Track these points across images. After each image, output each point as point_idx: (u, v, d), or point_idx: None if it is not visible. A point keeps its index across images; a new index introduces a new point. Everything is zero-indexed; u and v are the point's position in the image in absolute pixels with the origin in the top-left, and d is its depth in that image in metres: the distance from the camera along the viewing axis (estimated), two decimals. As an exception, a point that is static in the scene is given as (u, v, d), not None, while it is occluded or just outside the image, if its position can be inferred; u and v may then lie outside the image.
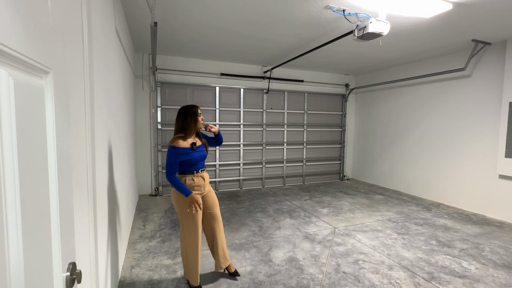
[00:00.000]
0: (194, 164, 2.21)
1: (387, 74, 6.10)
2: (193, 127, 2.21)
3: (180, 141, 2.14)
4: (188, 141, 2.19)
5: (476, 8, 2.94)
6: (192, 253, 2.23)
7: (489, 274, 2.60)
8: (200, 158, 2.24)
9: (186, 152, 2.15)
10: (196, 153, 2.21)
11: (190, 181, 2.20)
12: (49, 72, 0.69)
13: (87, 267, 1.41)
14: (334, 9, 2.97)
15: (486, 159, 4.31)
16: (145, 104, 5.24)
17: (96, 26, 1.71)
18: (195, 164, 2.22)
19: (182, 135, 2.18)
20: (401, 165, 5.81)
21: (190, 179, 2.20)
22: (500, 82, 4.11)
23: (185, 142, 2.16)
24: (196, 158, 2.21)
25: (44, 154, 0.67)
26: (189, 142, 2.19)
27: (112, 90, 2.38)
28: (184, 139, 2.17)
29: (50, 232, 0.68)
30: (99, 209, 1.64)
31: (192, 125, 2.20)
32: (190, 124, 2.19)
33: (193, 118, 2.20)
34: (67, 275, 0.75)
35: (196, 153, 2.21)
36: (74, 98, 1.28)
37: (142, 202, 4.87)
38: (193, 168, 2.21)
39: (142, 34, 3.99)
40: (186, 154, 2.15)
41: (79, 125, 1.35)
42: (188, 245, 2.23)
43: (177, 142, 2.13)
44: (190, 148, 2.17)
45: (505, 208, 4.08)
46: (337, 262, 2.79)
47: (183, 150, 2.13)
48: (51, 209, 0.70)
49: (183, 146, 2.14)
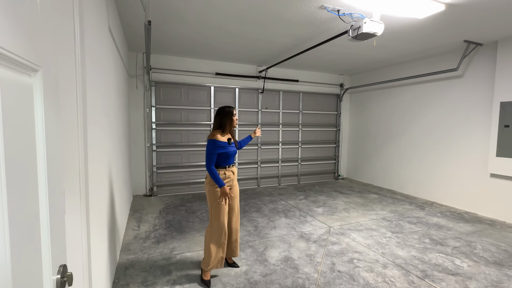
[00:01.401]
0: (228, 158, 2.46)
1: (381, 74, 6.15)
2: (229, 125, 2.48)
3: (219, 135, 2.42)
4: (225, 136, 2.46)
5: (468, 9, 2.98)
6: (216, 240, 2.41)
7: (481, 271, 2.64)
8: (233, 153, 2.51)
9: (223, 145, 2.40)
10: (231, 148, 2.47)
11: (222, 175, 2.44)
12: (38, 70, 0.67)
13: (79, 269, 1.39)
14: (329, 9, 2.98)
15: (478, 158, 4.38)
16: (139, 104, 5.19)
17: (89, 24, 1.68)
18: (229, 158, 2.47)
19: (220, 131, 2.46)
20: (395, 165, 5.87)
21: (222, 173, 2.44)
22: (492, 82, 4.18)
23: (223, 137, 2.43)
24: (231, 152, 2.46)
25: (33, 154, 0.65)
26: (226, 137, 2.46)
27: (105, 89, 2.35)
28: (222, 135, 2.45)
29: (39, 234, 0.67)
30: (92, 210, 1.62)
31: (228, 123, 2.47)
32: (226, 122, 2.47)
33: (229, 117, 2.47)
34: (57, 277, 0.73)
35: (231, 147, 2.47)
36: (66, 97, 1.26)
37: (136, 202, 4.83)
38: (225, 163, 2.46)
39: (136, 33, 3.95)
40: (224, 147, 2.41)
41: (71, 125, 1.33)
42: (213, 232, 2.41)
43: (216, 136, 2.40)
44: (227, 142, 2.43)
45: (496, 206, 4.15)
46: (332, 261, 2.80)
47: (221, 143, 2.39)
48: (41, 210, 0.68)
49: (221, 140, 2.40)
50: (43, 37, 0.71)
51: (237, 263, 2.72)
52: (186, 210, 4.43)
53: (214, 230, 2.42)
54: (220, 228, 2.42)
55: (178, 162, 5.51)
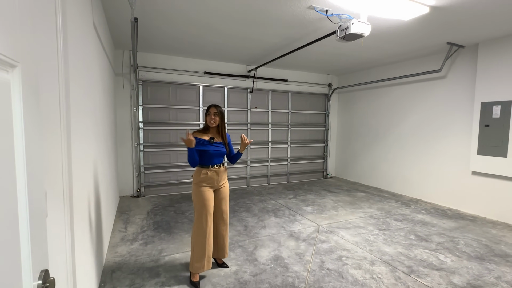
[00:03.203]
0: (211, 157, 2.43)
1: (368, 75, 6.27)
2: (207, 123, 2.49)
3: (198, 132, 2.48)
4: (207, 135, 2.46)
5: (450, 12, 3.07)
6: (199, 240, 2.38)
7: (464, 266, 2.73)
8: (216, 153, 2.46)
9: (201, 142, 2.40)
10: (213, 147, 2.44)
11: (204, 175, 2.41)
12: (16, 65, 0.64)
13: (62, 274, 1.34)
14: (318, 9, 3.00)
15: (460, 156, 4.53)
16: (126, 103, 5.07)
17: (72, 19, 1.62)
18: (212, 158, 2.44)
19: (201, 129, 2.52)
20: (382, 163, 5.99)
21: (204, 173, 2.42)
22: (473, 83, 4.33)
23: (202, 134, 2.46)
24: (212, 151, 2.43)
25: (11, 154, 0.62)
26: (208, 136, 2.45)
27: (89, 87, 2.28)
28: (202, 132, 2.48)
29: (18, 238, 0.64)
30: (76, 212, 1.56)
31: (206, 121, 2.50)
32: (205, 121, 2.51)
33: (205, 116, 2.50)
34: (38, 283, 0.70)
35: (213, 147, 2.44)
36: (47, 95, 1.20)
37: (123, 203, 4.72)
38: (209, 163, 2.43)
39: (122, 30, 3.85)
40: (203, 144, 2.40)
41: (53, 123, 1.28)
42: (196, 233, 2.39)
43: (195, 133, 2.46)
44: (207, 140, 2.42)
45: (477, 203, 4.31)
46: (321, 259, 2.83)
47: (198, 139, 2.39)
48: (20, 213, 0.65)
49: (198, 136, 2.42)
50: (22, 31, 0.68)
51: (226, 263, 2.70)
52: (175, 210, 4.37)
53: (196, 230, 2.40)
54: (202, 228, 2.38)
55: (166, 162, 5.43)
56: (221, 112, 2.51)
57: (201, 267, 2.38)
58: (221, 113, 2.50)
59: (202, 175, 2.42)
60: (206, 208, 2.40)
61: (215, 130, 2.53)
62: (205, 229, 2.39)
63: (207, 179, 2.42)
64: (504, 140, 3.87)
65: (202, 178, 2.42)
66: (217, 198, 2.53)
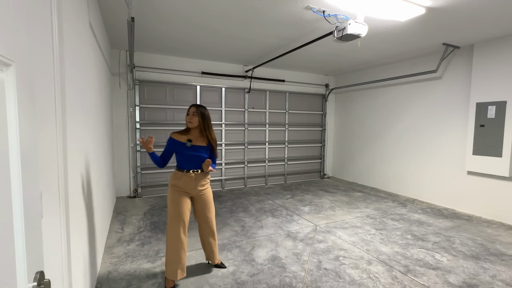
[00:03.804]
0: (186, 161, 2.30)
1: (364, 75, 6.30)
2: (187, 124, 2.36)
3: (176, 133, 2.34)
4: (184, 136, 2.32)
5: (446, 13, 3.09)
6: (171, 249, 2.27)
7: (459, 265, 2.76)
8: (191, 157, 2.30)
9: (176, 143, 2.29)
10: (188, 151, 2.29)
11: (178, 180, 2.29)
12: (10, 64, 0.63)
13: (58, 275, 1.33)
14: (315, 10, 3.01)
15: (456, 156, 4.57)
16: (123, 103, 5.04)
17: (68, 18, 1.61)
18: (187, 162, 2.30)
19: (181, 130, 2.38)
20: (379, 163, 6.02)
21: (179, 177, 2.29)
22: (468, 84, 4.37)
23: (180, 136, 2.32)
24: (187, 155, 2.29)
25: (6, 154, 0.61)
26: (185, 137, 2.32)
27: (86, 87, 2.26)
28: (181, 133, 2.34)
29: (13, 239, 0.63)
30: (72, 212, 1.55)
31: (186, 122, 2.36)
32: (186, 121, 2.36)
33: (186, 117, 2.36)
34: (33, 285, 0.69)
35: (189, 150, 2.29)
36: (43, 94, 1.19)
37: (120, 204, 4.69)
38: (184, 166, 2.31)
39: (118, 29, 3.83)
40: (177, 146, 2.29)
41: (49, 123, 1.27)
42: (168, 239, 2.29)
43: (173, 133, 2.34)
44: (182, 142, 2.29)
45: (473, 202, 4.35)
46: (318, 259, 2.83)
47: (171, 141, 2.30)
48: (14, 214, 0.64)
49: (175, 138, 2.30)
50: (17, 30, 0.67)
51: (224, 263, 2.69)
52: (172, 211, 4.34)
53: (169, 237, 2.27)
54: (174, 236, 2.24)
55: (163, 163, 5.40)
56: (203, 112, 2.31)
57: (173, 276, 2.26)
58: (202, 113, 2.30)
59: (176, 180, 2.29)
60: (179, 216, 2.26)
61: (197, 133, 2.34)
62: (177, 238, 2.24)
63: (181, 184, 2.28)
64: (499, 140, 3.91)
65: (176, 182, 2.29)
66: (198, 205, 2.41)
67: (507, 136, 3.83)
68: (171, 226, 2.27)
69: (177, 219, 2.26)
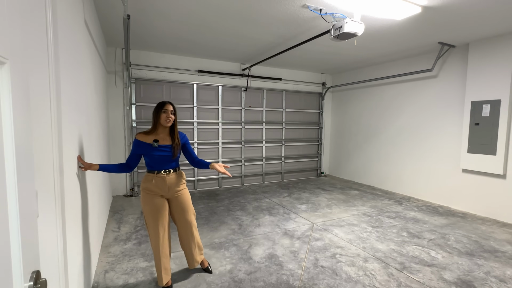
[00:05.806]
0: (156, 162, 2.16)
1: (361, 74, 6.32)
2: (157, 123, 2.16)
3: (141, 134, 2.16)
4: (150, 136, 2.16)
5: (442, 12, 3.11)
6: (154, 252, 2.23)
7: (454, 261, 2.79)
8: (161, 158, 2.15)
9: (142, 145, 2.13)
10: (157, 152, 2.14)
11: (148, 183, 2.16)
12: (5, 62, 0.63)
13: (55, 275, 1.32)
14: (311, 8, 3.01)
15: (451, 154, 4.61)
16: (119, 101, 5.01)
17: (62, 16, 1.59)
18: (157, 164, 2.17)
19: (147, 130, 2.19)
20: (375, 161, 6.06)
21: (150, 179, 2.16)
22: (463, 83, 4.41)
23: (146, 137, 2.15)
24: (156, 156, 2.14)
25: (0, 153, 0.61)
26: (152, 137, 2.16)
27: (81, 85, 2.24)
28: (147, 134, 2.16)
29: (8, 239, 0.62)
30: (68, 211, 1.54)
31: (156, 120, 2.16)
32: (154, 119, 2.17)
33: (157, 114, 2.15)
34: (30, 284, 0.69)
35: (157, 151, 2.14)
36: (38, 93, 1.18)
37: (116, 203, 4.67)
38: (155, 167, 2.17)
39: (114, 27, 3.80)
40: (144, 148, 2.13)
41: (44, 122, 1.26)
42: (151, 245, 2.24)
43: (138, 134, 2.16)
44: (149, 144, 2.13)
45: (467, 200, 4.40)
46: (315, 256, 2.85)
47: (137, 142, 2.14)
48: (10, 213, 0.63)
49: (140, 139, 2.14)
50: (10, 28, 0.66)
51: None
52: (169, 210, 4.33)
53: (151, 241, 2.21)
54: (154, 240, 2.17)
55: (160, 161, 5.37)
56: (176, 111, 2.22)
57: (159, 281, 2.23)
58: (176, 112, 2.21)
59: (147, 182, 2.16)
60: (156, 221, 2.15)
61: (166, 131, 2.21)
62: (156, 244, 2.17)
63: (152, 186, 2.15)
64: (493, 138, 3.95)
65: (147, 185, 2.15)
66: (174, 208, 2.27)
67: (501, 135, 3.88)
68: (150, 232, 2.19)
69: (155, 224, 2.16)
